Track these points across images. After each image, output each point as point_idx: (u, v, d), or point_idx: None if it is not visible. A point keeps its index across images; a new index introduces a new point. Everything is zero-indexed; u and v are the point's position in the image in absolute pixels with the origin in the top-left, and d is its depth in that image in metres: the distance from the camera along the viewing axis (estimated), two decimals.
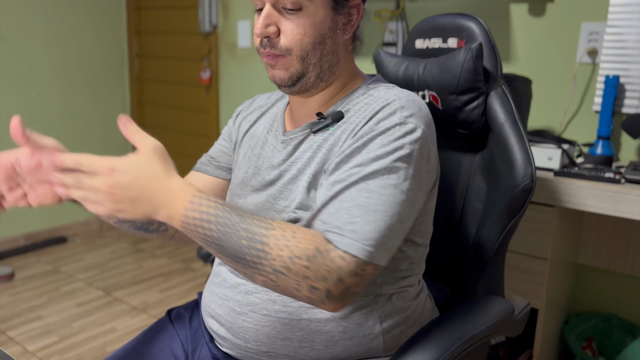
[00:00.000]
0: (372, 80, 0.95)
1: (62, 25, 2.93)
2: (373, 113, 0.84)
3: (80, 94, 3.07)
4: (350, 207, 0.76)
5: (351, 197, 0.77)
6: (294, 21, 0.84)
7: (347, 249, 0.73)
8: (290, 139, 0.93)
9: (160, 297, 2.45)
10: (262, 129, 1.02)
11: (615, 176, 1.38)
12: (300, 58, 0.86)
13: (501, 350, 1.78)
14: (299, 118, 0.95)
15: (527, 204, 1.04)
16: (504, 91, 1.15)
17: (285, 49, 0.85)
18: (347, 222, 0.75)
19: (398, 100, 0.84)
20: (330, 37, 0.87)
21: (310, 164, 0.88)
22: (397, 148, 0.80)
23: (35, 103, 2.89)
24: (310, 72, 0.87)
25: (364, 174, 0.78)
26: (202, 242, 0.74)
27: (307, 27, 0.84)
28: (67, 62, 2.98)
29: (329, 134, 0.88)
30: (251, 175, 0.97)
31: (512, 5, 1.85)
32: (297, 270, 0.72)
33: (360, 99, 0.89)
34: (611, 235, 1.71)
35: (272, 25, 0.84)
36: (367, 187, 0.77)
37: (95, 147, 3.18)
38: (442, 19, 1.24)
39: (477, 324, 0.88)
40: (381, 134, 0.81)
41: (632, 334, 1.71)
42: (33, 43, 2.84)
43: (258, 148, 0.99)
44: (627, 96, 1.66)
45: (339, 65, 0.91)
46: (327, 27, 0.86)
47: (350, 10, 0.88)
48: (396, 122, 0.81)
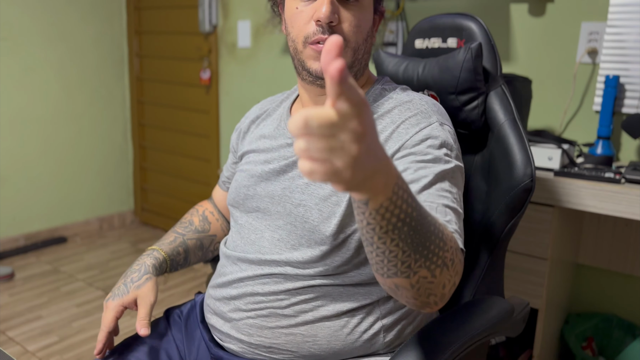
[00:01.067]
0: (383, 81, 0.98)
1: (62, 25, 2.93)
2: (405, 117, 0.88)
3: (80, 94, 3.07)
4: (438, 207, 0.80)
5: (434, 199, 0.80)
6: (352, 12, 0.86)
7: (461, 245, 0.78)
8: None
9: (160, 297, 2.45)
10: (269, 128, 1.03)
11: (615, 176, 1.38)
12: (353, 50, 0.88)
13: (501, 350, 1.78)
14: None
15: (527, 204, 1.04)
16: (503, 91, 1.15)
17: (346, 37, 0.87)
18: (445, 222, 0.78)
19: (425, 104, 0.90)
20: (371, 36, 0.91)
21: None
22: (443, 144, 0.86)
23: (35, 103, 2.89)
24: (354, 67, 0.90)
25: (435, 173, 0.82)
26: (398, 219, 0.61)
27: (362, 20, 0.87)
28: (67, 62, 2.98)
29: None
30: (258, 164, 0.99)
31: (512, 5, 1.85)
32: (455, 265, 0.71)
33: (382, 101, 0.92)
34: (611, 235, 1.71)
35: (336, 13, 0.86)
36: (442, 187, 0.82)
37: (96, 147, 3.18)
38: (442, 18, 1.24)
39: (476, 324, 0.88)
40: (428, 135, 0.85)
41: (632, 334, 1.71)
42: (33, 43, 2.84)
43: (267, 143, 1.01)
44: (627, 96, 1.66)
45: (367, 65, 0.94)
46: (370, 26, 0.90)
47: (378, 14, 0.93)
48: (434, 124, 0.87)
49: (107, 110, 3.22)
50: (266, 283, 0.91)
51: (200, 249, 1.12)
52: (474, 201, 1.17)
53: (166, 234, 1.11)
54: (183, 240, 1.10)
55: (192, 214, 1.16)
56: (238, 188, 1.00)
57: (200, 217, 1.15)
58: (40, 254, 2.90)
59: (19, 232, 2.92)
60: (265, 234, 0.93)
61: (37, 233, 2.99)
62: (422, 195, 0.81)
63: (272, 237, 0.92)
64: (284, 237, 0.91)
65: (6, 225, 2.86)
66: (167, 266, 1.05)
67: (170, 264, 1.06)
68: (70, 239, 3.11)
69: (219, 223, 1.16)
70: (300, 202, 0.89)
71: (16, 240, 2.91)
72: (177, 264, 1.08)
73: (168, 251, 1.06)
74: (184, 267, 1.10)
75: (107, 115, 3.22)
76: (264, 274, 0.91)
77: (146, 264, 1.01)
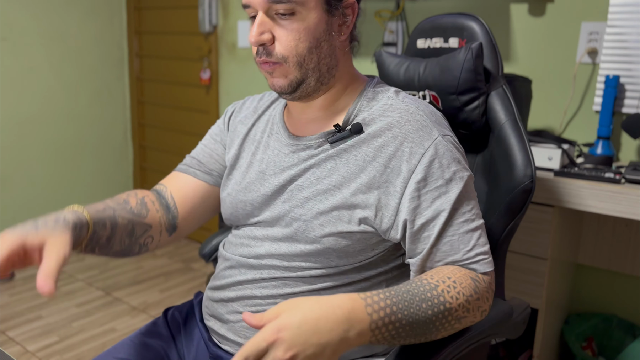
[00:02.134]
0: (374, 82, 0.94)
1: (62, 25, 2.93)
2: (406, 132, 0.85)
3: (80, 94, 3.07)
4: (460, 238, 0.84)
5: (455, 230, 0.84)
6: (287, 27, 0.83)
7: (485, 270, 0.84)
8: (304, 145, 0.92)
9: (160, 297, 2.45)
10: (260, 132, 1.00)
11: (615, 176, 1.38)
12: (297, 64, 0.85)
13: (501, 350, 1.78)
14: (303, 124, 0.94)
15: (527, 204, 1.04)
16: (504, 91, 1.14)
17: (281, 57, 0.84)
18: (468, 252, 0.84)
19: (423, 113, 0.87)
20: (326, 40, 0.86)
21: (332, 175, 0.87)
22: (451, 163, 0.85)
23: (35, 103, 2.88)
24: (310, 77, 0.87)
25: (451, 202, 0.83)
26: (392, 337, 0.74)
27: (301, 32, 0.83)
28: (67, 62, 2.98)
29: (350, 145, 0.88)
30: (255, 180, 0.96)
31: (512, 5, 1.85)
32: (473, 307, 0.80)
33: (376, 107, 0.90)
34: (611, 235, 1.71)
35: (267, 32, 0.83)
36: (460, 212, 0.84)
37: (95, 147, 3.18)
38: (443, 18, 1.24)
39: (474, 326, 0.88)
40: (433, 157, 0.84)
41: (632, 334, 1.71)
42: (33, 43, 2.83)
43: (260, 153, 0.98)
44: (627, 96, 1.66)
45: (338, 67, 0.90)
46: (322, 30, 0.85)
47: (345, 11, 0.87)
48: (437, 139, 0.85)
49: (107, 110, 3.21)
50: (265, 287, 0.91)
51: (130, 235, 0.93)
52: None
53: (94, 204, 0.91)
54: (113, 215, 0.89)
55: (129, 194, 0.98)
56: (234, 204, 0.98)
57: (139, 200, 0.97)
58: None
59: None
60: (265, 243, 0.92)
61: None
62: (447, 232, 0.84)
63: (271, 246, 0.91)
64: (284, 248, 0.90)
65: (6, 225, 2.86)
66: (87, 234, 0.83)
67: (92, 234, 0.83)
68: None
69: (158, 215, 0.98)
70: (300, 217, 0.88)
71: None
72: (99, 239, 0.86)
73: (94, 216, 0.84)
74: (104, 250, 0.89)
75: (107, 115, 3.22)
76: (263, 277, 0.91)
77: (66, 218, 0.79)
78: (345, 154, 0.88)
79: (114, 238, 0.90)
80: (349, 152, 0.87)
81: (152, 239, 0.98)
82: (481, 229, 0.86)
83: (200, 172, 1.04)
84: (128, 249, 0.94)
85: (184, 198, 1.02)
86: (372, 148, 0.86)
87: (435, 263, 0.84)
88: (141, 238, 0.96)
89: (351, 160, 0.87)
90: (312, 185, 0.89)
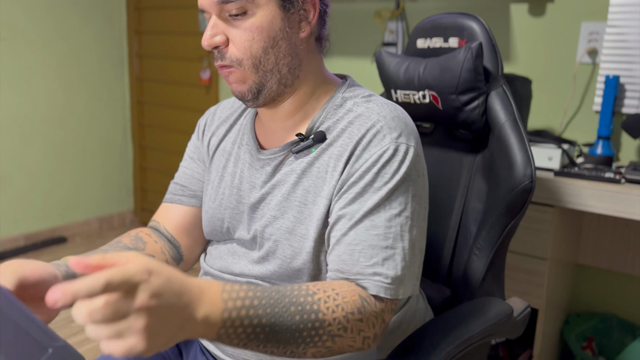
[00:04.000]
0: (346, 86, 0.88)
1: (62, 25, 2.93)
2: (359, 137, 0.80)
3: (80, 94, 3.07)
4: (363, 250, 0.76)
5: (361, 239, 0.76)
6: (240, 27, 0.79)
7: (378, 292, 0.75)
8: (269, 159, 0.87)
9: None
10: (231, 143, 0.95)
11: (616, 176, 1.38)
12: (254, 67, 0.80)
13: (501, 350, 1.78)
14: (272, 132, 0.90)
15: (527, 204, 1.04)
16: (504, 91, 1.14)
17: (235, 59, 0.80)
18: (366, 267, 0.75)
19: (383, 120, 0.80)
20: (283, 38, 0.80)
21: (296, 190, 0.84)
22: (394, 173, 0.78)
23: (35, 103, 2.88)
24: (270, 81, 0.82)
25: (366, 209, 0.77)
26: (247, 337, 0.63)
27: (254, 31, 0.78)
28: (67, 62, 2.98)
29: (313, 157, 0.83)
30: (229, 196, 0.92)
31: (512, 5, 1.85)
32: (353, 328, 0.72)
33: (341, 115, 0.84)
34: (611, 235, 1.71)
35: (220, 34, 0.80)
36: (373, 224, 0.76)
37: (96, 147, 3.18)
38: (443, 18, 1.24)
39: (473, 326, 0.88)
40: (375, 163, 0.78)
41: (632, 334, 1.71)
42: (33, 43, 2.83)
43: (231, 166, 0.93)
44: (627, 96, 1.66)
45: (301, 67, 0.84)
46: (278, 28, 0.80)
47: (304, 6, 0.81)
48: (387, 147, 0.78)
49: (107, 110, 3.21)
50: None
51: None
52: (474, 202, 1.17)
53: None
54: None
55: (122, 235, 0.97)
56: (212, 221, 0.94)
57: (132, 237, 0.95)
58: (40, 254, 2.89)
59: (19, 232, 2.92)
60: (241, 261, 0.90)
61: (37, 233, 2.99)
62: (351, 237, 0.77)
63: (246, 266, 0.89)
64: (257, 269, 0.88)
65: (6, 225, 2.86)
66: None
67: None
68: (70, 239, 3.11)
69: (158, 245, 0.96)
70: (270, 236, 0.85)
71: (16, 240, 2.91)
72: None
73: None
74: None
75: (107, 115, 3.22)
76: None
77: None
78: (309, 166, 0.83)
79: None
80: (312, 165, 0.83)
81: None
82: (400, 254, 0.76)
83: (185, 198, 1.00)
84: None
85: (179, 228, 0.99)
86: (333, 157, 0.81)
87: (333, 266, 0.78)
88: None
89: (314, 173, 0.83)
90: (279, 203, 0.85)
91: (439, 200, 1.23)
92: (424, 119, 1.27)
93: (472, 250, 1.10)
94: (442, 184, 1.24)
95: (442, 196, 1.23)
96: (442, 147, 1.26)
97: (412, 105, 1.25)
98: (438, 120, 1.24)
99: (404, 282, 0.77)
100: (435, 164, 1.27)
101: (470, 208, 1.17)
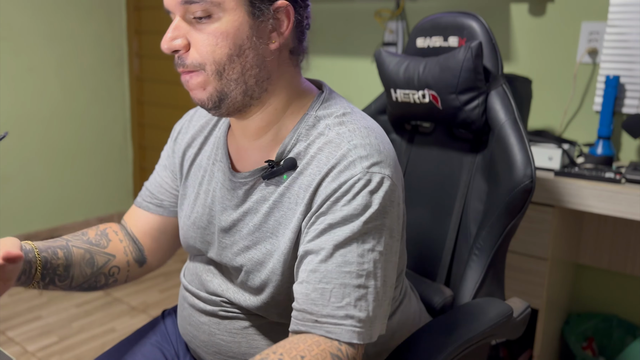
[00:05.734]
0: (320, 101, 0.82)
1: (62, 25, 2.93)
2: (328, 168, 0.75)
3: (80, 94, 3.07)
4: (334, 289, 0.71)
5: (332, 276, 0.71)
6: (204, 31, 0.74)
7: (351, 339, 0.71)
8: (240, 183, 0.83)
9: (160, 297, 2.45)
10: (206, 158, 0.91)
11: (616, 176, 1.38)
12: (217, 73, 0.75)
13: (501, 350, 1.77)
14: (245, 150, 0.85)
15: (527, 204, 1.04)
16: (504, 90, 1.14)
17: (197, 64, 0.75)
18: (337, 308, 0.71)
19: (354, 149, 0.75)
20: (251, 48, 0.75)
21: (268, 220, 0.80)
22: (367, 206, 0.72)
23: (35, 103, 2.88)
24: (234, 90, 0.76)
25: (337, 243, 0.72)
26: None
27: (218, 36, 0.73)
28: (67, 61, 2.98)
29: (285, 187, 0.79)
30: (202, 215, 0.89)
31: (512, 5, 1.85)
32: None
33: (312, 138, 0.78)
34: (611, 235, 1.71)
35: (181, 38, 0.75)
36: (345, 259, 0.72)
37: (95, 147, 3.18)
38: (443, 17, 1.24)
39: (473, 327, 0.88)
40: (345, 194, 0.72)
41: (632, 334, 1.71)
42: (33, 43, 2.83)
43: (206, 183, 0.90)
44: (627, 96, 1.66)
45: (270, 81, 0.78)
46: (245, 36, 0.74)
47: (276, 15, 0.75)
48: (359, 177, 0.73)
49: (107, 110, 3.21)
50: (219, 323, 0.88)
51: (90, 265, 0.90)
52: (475, 202, 1.17)
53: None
54: (66, 244, 0.89)
55: (90, 228, 0.96)
56: (187, 238, 0.93)
57: (99, 231, 0.95)
58: None
59: (19, 232, 2.92)
60: (215, 279, 0.89)
61: (37, 233, 2.99)
62: (319, 272, 0.72)
63: (220, 286, 0.88)
64: (231, 293, 0.87)
65: (6, 225, 2.86)
66: (37, 263, 0.83)
67: (44, 262, 0.84)
68: None
69: (122, 244, 0.95)
70: (241, 266, 0.83)
71: None
72: (55, 269, 0.85)
73: (40, 246, 0.85)
74: (65, 280, 0.88)
75: (107, 115, 3.22)
76: (216, 312, 0.88)
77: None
78: (281, 196, 0.79)
79: (72, 268, 0.88)
80: (284, 195, 0.78)
81: (118, 270, 0.94)
82: (372, 293, 0.72)
83: (152, 205, 0.98)
84: (92, 280, 0.91)
85: (143, 233, 0.98)
86: (302, 188, 0.76)
87: (300, 306, 0.73)
88: (104, 268, 0.92)
89: (285, 203, 0.78)
90: (251, 233, 0.81)
91: (439, 200, 1.23)
92: (423, 118, 1.27)
93: (472, 250, 1.10)
94: (442, 184, 1.24)
95: (442, 196, 1.23)
96: (442, 147, 1.26)
97: (411, 104, 1.25)
98: (438, 120, 1.23)
99: (375, 323, 0.73)
100: (435, 163, 1.26)
101: (470, 208, 1.17)
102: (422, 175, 1.28)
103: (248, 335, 0.86)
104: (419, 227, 1.25)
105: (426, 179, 1.27)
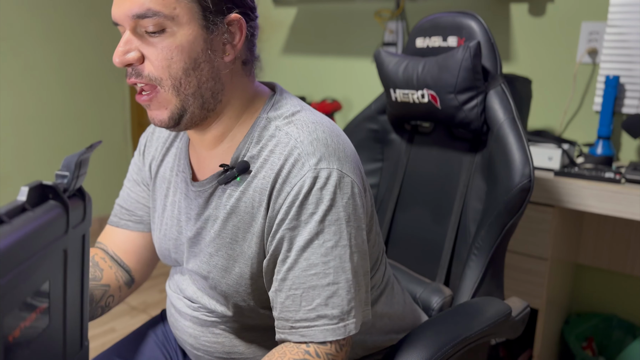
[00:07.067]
0: (271, 103, 0.82)
1: (62, 24, 2.93)
2: (278, 168, 0.75)
3: (80, 94, 3.07)
4: (304, 294, 0.72)
5: (300, 282, 0.72)
6: (157, 45, 0.72)
7: (325, 338, 0.72)
8: (200, 191, 0.83)
9: (160, 297, 2.45)
10: (169, 170, 0.91)
11: (616, 176, 1.38)
12: (174, 89, 0.74)
13: (501, 350, 1.77)
14: (204, 159, 0.85)
15: (526, 204, 1.04)
16: (503, 90, 1.14)
17: (154, 78, 0.73)
18: (309, 311, 0.72)
19: (300, 146, 0.75)
20: (206, 61, 0.74)
21: (227, 226, 0.80)
22: (318, 203, 0.73)
23: (35, 103, 2.88)
24: (192, 106, 0.75)
25: (298, 248, 0.73)
26: None
27: (173, 51, 0.72)
28: (67, 61, 2.98)
29: (241, 192, 0.78)
30: (171, 227, 0.89)
31: (512, 5, 1.85)
32: None
33: (265, 141, 0.78)
34: (611, 235, 1.71)
35: (134, 51, 0.73)
36: (309, 262, 0.72)
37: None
38: (443, 17, 1.24)
39: (470, 326, 0.87)
40: (297, 196, 0.73)
41: (632, 334, 1.71)
42: (33, 43, 2.83)
43: (171, 195, 0.89)
44: (627, 96, 1.66)
45: (224, 92, 0.78)
46: (200, 49, 0.73)
47: (229, 29, 0.75)
48: (306, 176, 0.73)
49: (107, 110, 3.21)
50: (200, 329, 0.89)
51: (90, 301, 0.88)
52: (474, 201, 1.17)
53: None
54: None
55: None
56: (161, 250, 0.93)
57: (91, 262, 0.92)
58: None
59: None
60: (191, 286, 0.89)
61: None
62: (288, 280, 0.73)
63: (195, 293, 0.88)
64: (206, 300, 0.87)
65: None
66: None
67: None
68: None
69: (112, 271, 0.94)
70: (208, 274, 0.83)
71: None
72: None
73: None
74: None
75: (107, 115, 3.22)
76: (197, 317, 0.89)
77: None
78: (237, 202, 0.79)
79: None
80: (240, 200, 0.78)
81: (112, 298, 0.93)
82: (344, 287, 0.73)
83: (131, 223, 0.97)
84: (90, 315, 0.89)
85: (127, 252, 0.97)
86: (257, 192, 0.77)
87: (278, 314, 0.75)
88: (101, 301, 0.91)
89: (242, 208, 0.78)
90: (212, 240, 0.81)
91: (439, 200, 1.23)
92: (423, 118, 1.27)
93: (472, 250, 1.10)
94: (441, 184, 1.24)
95: (441, 196, 1.23)
96: (441, 147, 1.26)
97: (411, 104, 1.25)
98: (437, 120, 1.23)
99: (352, 314, 0.73)
100: (434, 163, 1.26)
101: (469, 207, 1.17)
102: (421, 175, 1.28)
103: (227, 338, 0.87)
104: (419, 227, 1.25)
105: (426, 179, 1.27)
